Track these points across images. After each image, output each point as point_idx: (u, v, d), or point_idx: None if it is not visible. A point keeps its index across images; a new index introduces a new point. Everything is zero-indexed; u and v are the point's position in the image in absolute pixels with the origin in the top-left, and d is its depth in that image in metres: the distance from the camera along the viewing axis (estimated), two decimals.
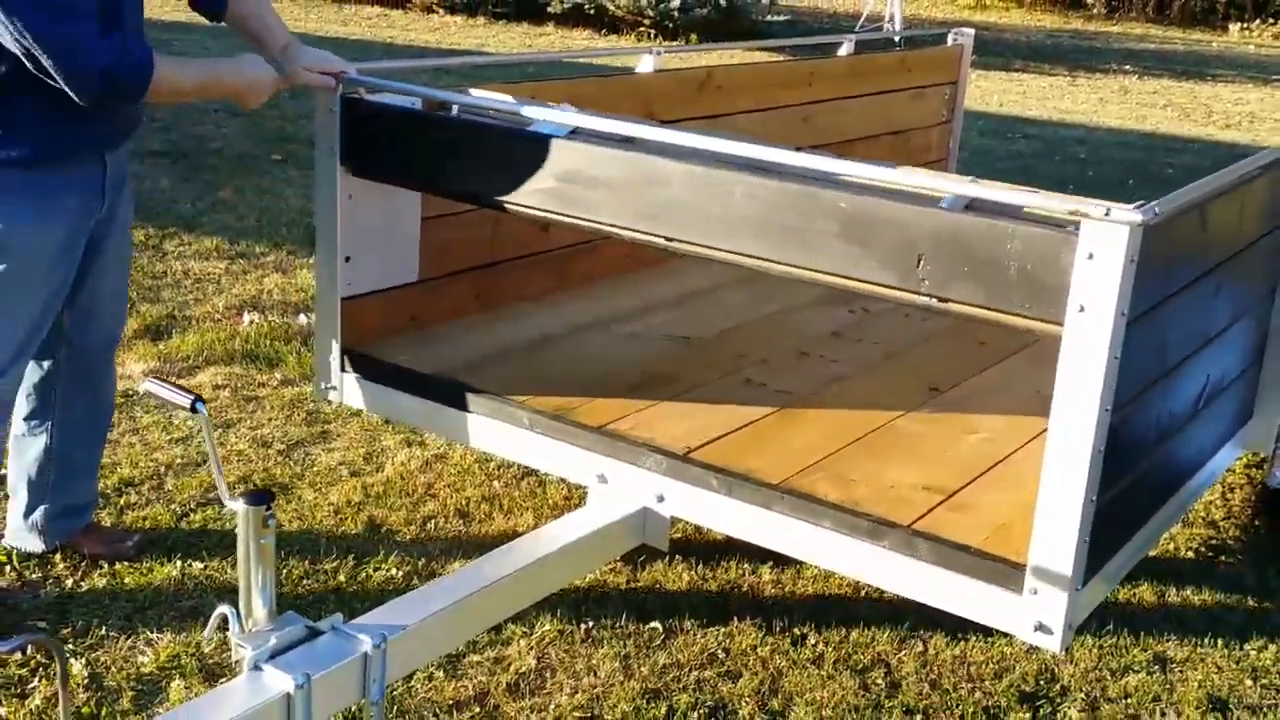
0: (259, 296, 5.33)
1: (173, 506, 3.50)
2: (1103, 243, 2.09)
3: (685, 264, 4.10)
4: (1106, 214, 2.08)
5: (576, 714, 2.73)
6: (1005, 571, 2.32)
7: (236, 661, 2.12)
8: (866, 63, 4.83)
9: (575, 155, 2.63)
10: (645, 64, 3.92)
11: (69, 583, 3.10)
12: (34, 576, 3.12)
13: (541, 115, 2.74)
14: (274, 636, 2.13)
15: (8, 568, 3.14)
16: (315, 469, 3.78)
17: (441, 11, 15.71)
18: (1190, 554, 3.58)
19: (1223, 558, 3.58)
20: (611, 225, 2.63)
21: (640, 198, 2.56)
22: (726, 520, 2.64)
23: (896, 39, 4.99)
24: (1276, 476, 3.41)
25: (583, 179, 2.62)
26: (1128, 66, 15.83)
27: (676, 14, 14.13)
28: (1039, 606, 2.28)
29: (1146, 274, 2.17)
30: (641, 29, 14.62)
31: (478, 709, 2.74)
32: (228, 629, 2.15)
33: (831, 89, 4.62)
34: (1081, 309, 2.13)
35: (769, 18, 15.63)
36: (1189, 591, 3.38)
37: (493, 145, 2.78)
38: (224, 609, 2.15)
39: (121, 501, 3.50)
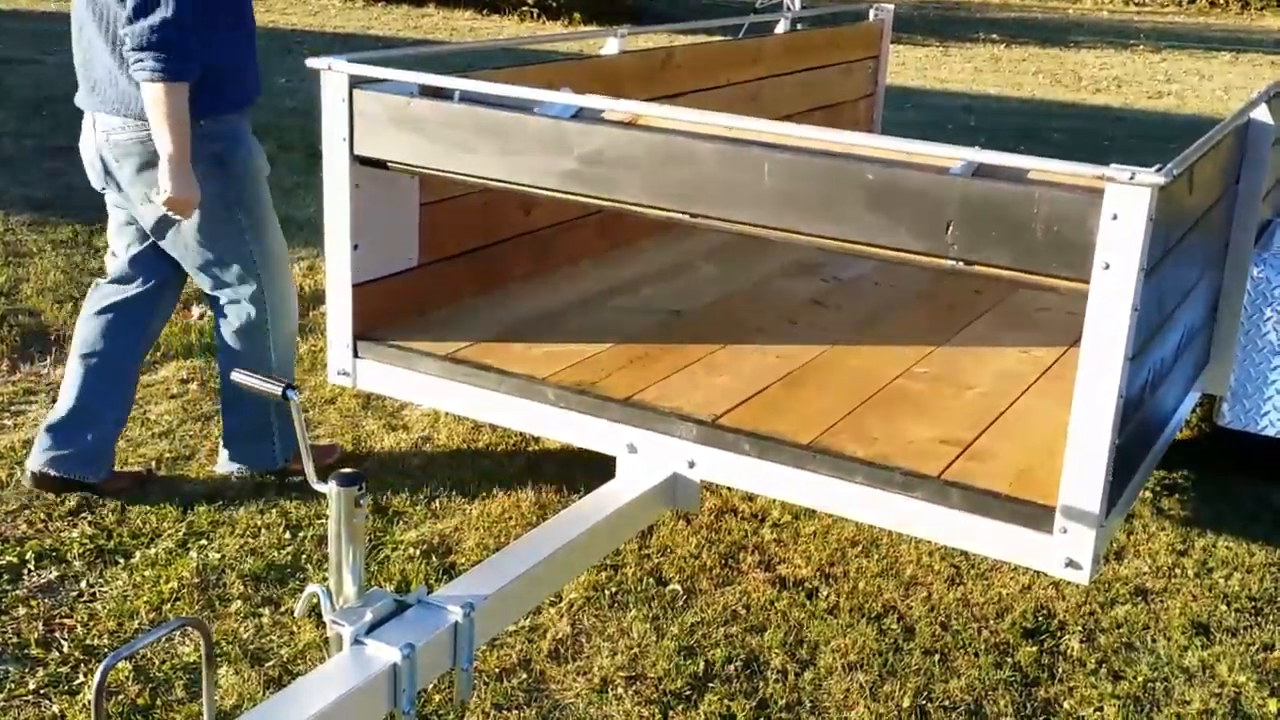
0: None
1: (174, 500, 3.50)
2: (1127, 204, 2.27)
3: (654, 241, 4.23)
4: (1131, 178, 2.25)
5: (621, 674, 2.85)
6: (1036, 513, 2.50)
7: (335, 637, 2.18)
8: (802, 40, 5.00)
9: (604, 137, 2.73)
10: (610, 46, 4.01)
11: (94, 581, 3.11)
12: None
13: (561, 100, 2.83)
14: (368, 612, 2.20)
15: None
16: None
17: None
18: (1146, 493, 3.83)
19: (1176, 495, 3.84)
20: (638, 203, 2.74)
21: (669, 176, 2.67)
22: (759, 481, 2.77)
23: (793, 18, 5.11)
24: (1226, 416, 3.67)
25: (612, 160, 2.72)
26: (995, 35, 16.36)
27: None
28: (1069, 544, 2.46)
29: (1159, 232, 2.36)
30: (524, 9, 14.62)
31: (525, 675, 2.84)
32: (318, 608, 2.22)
33: (773, 66, 4.78)
34: (1107, 266, 2.31)
35: None
36: (1152, 528, 3.63)
37: (515, 130, 2.85)
38: (315, 589, 2.21)
39: (121, 498, 3.50)
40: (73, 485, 3.48)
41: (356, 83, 3.02)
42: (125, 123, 3.30)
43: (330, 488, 2.16)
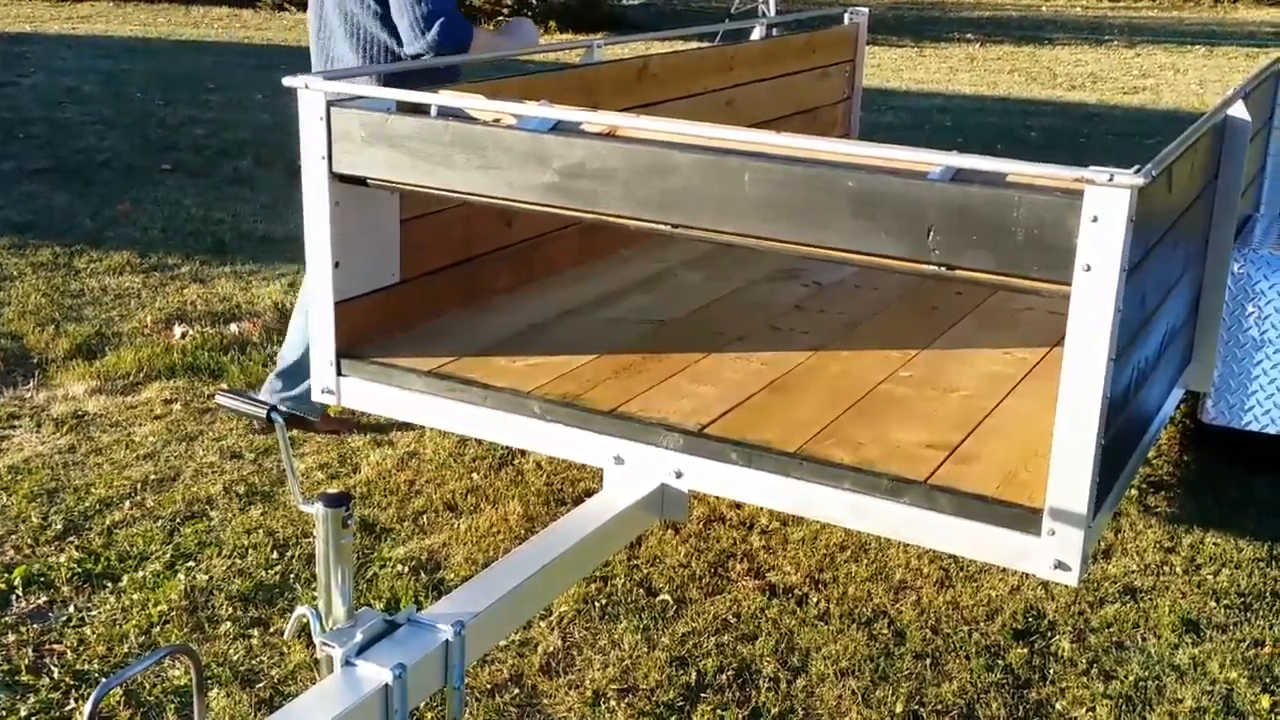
0: (184, 308, 5.27)
1: (160, 522, 3.49)
2: (1107, 206, 2.27)
3: (636, 251, 4.22)
4: (1110, 180, 2.26)
5: (613, 687, 2.84)
6: (1023, 516, 2.51)
7: (325, 658, 2.17)
8: (778, 45, 5.01)
9: (583, 149, 2.72)
10: (589, 57, 4.01)
11: (82, 606, 3.09)
12: None
13: (540, 113, 2.83)
14: (358, 633, 2.19)
15: None
16: None
17: (293, 9, 15.46)
18: (1133, 491, 3.84)
19: (1162, 492, 3.86)
20: (619, 215, 2.73)
21: (649, 187, 2.67)
22: (747, 490, 2.77)
23: (768, 23, 5.13)
24: (1210, 412, 3.68)
25: (592, 172, 2.72)
26: (969, 35, 16.42)
27: (535, 2, 14.16)
28: (1058, 546, 2.47)
29: (1139, 232, 2.37)
30: (500, 18, 14.59)
31: (517, 690, 2.83)
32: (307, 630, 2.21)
33: (749, 73, 4.78)
34: (1088, 268, 2.31)
35: (627, 1, 15.77)
36: (1140, 526, 3.64)
37: (494, 144, 2.85)
38: (304, 610, 2.20)
39: (107, 521, 3.48)
40: (297, 421, 4.00)
41: (333, 100, 3.01)
42: None
43: (317, 509, 2.15)
